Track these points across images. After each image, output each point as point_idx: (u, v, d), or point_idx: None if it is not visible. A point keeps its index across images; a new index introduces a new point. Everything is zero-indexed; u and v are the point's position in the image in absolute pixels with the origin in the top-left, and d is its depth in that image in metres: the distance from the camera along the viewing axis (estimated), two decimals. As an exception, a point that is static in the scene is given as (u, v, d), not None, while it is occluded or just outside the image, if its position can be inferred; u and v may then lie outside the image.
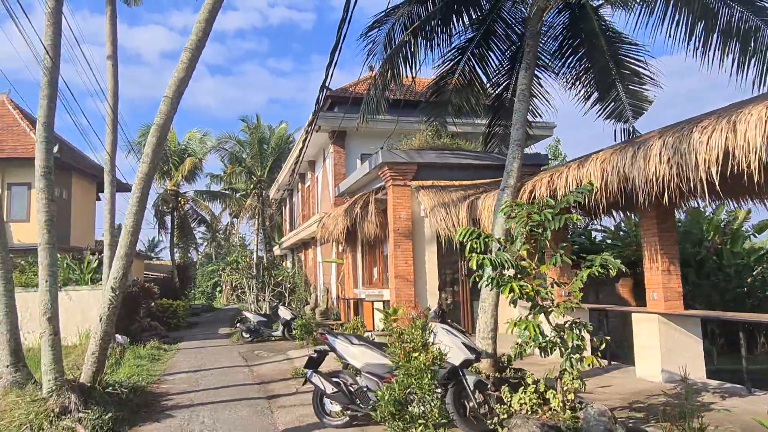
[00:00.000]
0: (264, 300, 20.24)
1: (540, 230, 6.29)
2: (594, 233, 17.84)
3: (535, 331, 5.97)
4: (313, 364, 6.77)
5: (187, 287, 32.91)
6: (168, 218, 29.99)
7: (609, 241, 16.65)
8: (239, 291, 49.93)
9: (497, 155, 13.96)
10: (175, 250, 32.34)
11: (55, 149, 20.91)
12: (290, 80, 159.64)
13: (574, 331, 6.08)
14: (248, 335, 16.54)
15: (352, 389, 6.47)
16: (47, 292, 7.92)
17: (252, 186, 38.73)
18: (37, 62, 9.12)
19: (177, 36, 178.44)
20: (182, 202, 29.52)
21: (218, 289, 55.06)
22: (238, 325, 16.73)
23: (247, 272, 20.29)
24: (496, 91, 12.34)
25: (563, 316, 6.15)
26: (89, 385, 7.60)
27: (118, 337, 15.59)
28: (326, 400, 6.68)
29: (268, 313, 20.19)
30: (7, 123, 22.00)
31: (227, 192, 34.08)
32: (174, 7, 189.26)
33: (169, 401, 8.75)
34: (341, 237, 14.44)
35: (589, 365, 6.14)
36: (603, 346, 6.31)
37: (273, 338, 16.71)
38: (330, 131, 20.46)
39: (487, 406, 6.10)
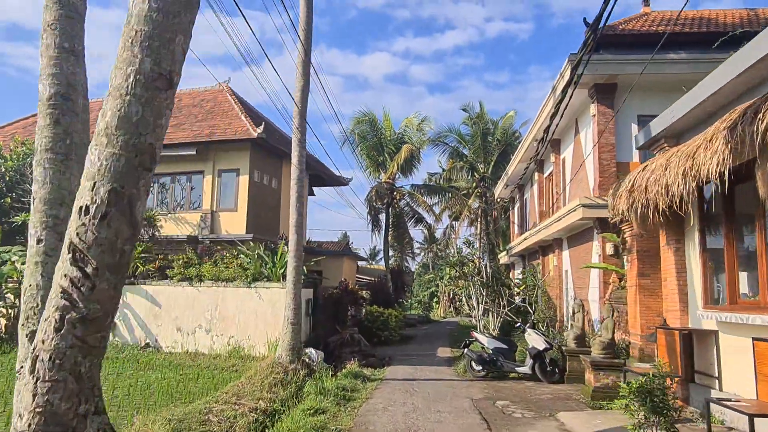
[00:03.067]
0: (497, 317, 15.02)
1: None
2: None
3: None
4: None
5: (403, 294, 29.37)
6: (382, 216, 26.72)
7: None
8: (458, 302, 45.50)
9: None
10: (390, 252, 29.07)
11: (260, 129, 18.86)
12: (507, 92, 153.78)
13: None
14: (480, 367, 11.52)
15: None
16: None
17: (474, 184, 34.12)
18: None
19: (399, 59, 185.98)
20: (398, 197, 26.02)
21: (435, 299, 51.53)
22: (466, 351, 11.84)
23: (476, 278, 15.32)
24: None
25: None
26: None
27: (311, 351, 11.82)
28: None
29: (499, 335, 14.98)
30: (224, 109, 20.61)
31: (447, 187, 29.80)
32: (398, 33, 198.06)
33: None
34: (658, 211, 7.97)
35: None
36: None
37: (517, 374, 11.40)
38: (591, 86, 14.54)
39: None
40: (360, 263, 47.66)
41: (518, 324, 11.88)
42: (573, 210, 14.24)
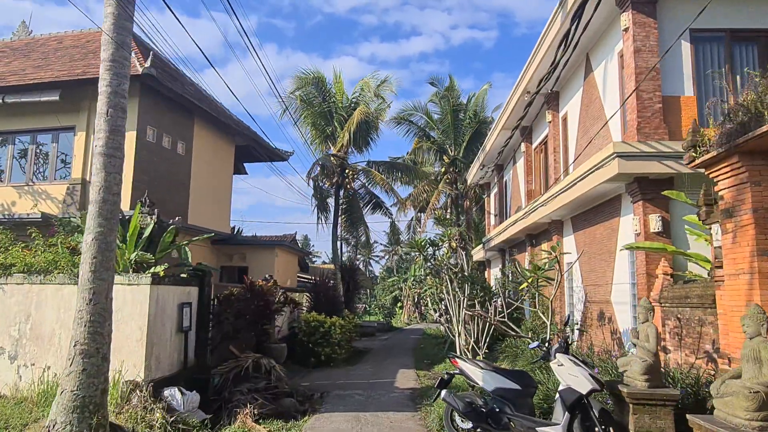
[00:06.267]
0: (485, 328, 10.13)
1: None
2: None
3: None
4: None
5: (355, 298, 24.23)
6: (331, 201, 21.56)
7: None
8: (423, 306, 40.72)
9: None
10: (341, 244, 23.96)
11: (148, 63, 13.58)
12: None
13: None
14: (469, 425, 6.39)
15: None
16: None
17: (443, 169, 29.37)
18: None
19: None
20: (350, 175, 20.91)
21: (399, 304, 46.63)
22: (444, 396, 6.46)
23: (453, 271, 10.30)
24: None
25: None
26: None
27: (173, 394, 6.71)
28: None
29: (485, 358, 10.08)
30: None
31: (411, 164, 24.87)
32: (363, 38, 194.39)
33: None
34: None
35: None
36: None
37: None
38: (621, -12, 9.94)
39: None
40: (319, 263, 42.43)
41: (535, 345, 6.71)
42: (598, 167, 9.52)
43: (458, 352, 10.27)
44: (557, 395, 6.09)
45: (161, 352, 7.49)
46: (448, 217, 24.52)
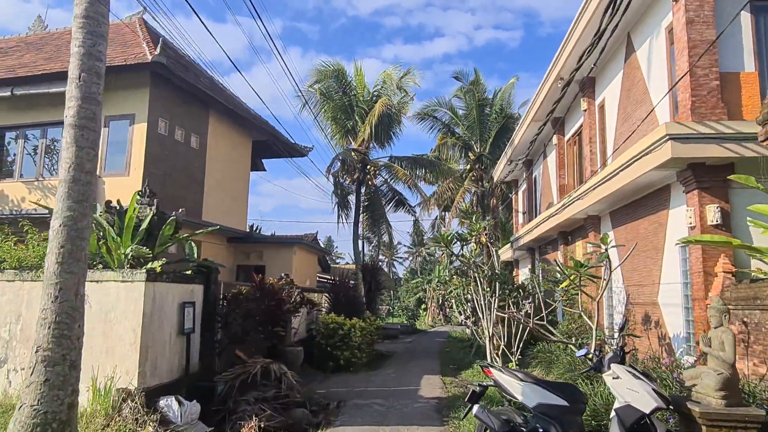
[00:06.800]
0: (517, 332, 9.20)
1: None
2: None
3: None
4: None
5: (377, 299, 23.28)
6: (352, 198, 20.68)
7: None
8: (448, 308, 39.65)
9: None
10: (363, 243, 23.10)
11: (157, 51, 12.93)
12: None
13: None
14: None
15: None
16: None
17: (468, 166, 28.32)
18: None
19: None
20: (372, 171, 20.03)
21: (422, 306, 45.62)
22: (477, 412, 5.51)
23: (482, 272, 9.28)
24: None
25: None
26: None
27: (170, 404, 5.97)
28: None
29: (518, 364, 9.14)
30: (125, 40, 14.70)
31: (435, 160, 23.87)
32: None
33: None
34: None
35: None
36: None
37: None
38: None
39: None
40: (343, 264, 41.58)
41: (584, 352, 5.77)
42: (645, 153, 8.52)
43: (488, 359, 9.33)
44: (612, 413, 5.11)
45: (158, 357, 6.75)
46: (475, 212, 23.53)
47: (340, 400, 8.69)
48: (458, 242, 10.21)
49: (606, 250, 6.82)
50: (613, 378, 5.08)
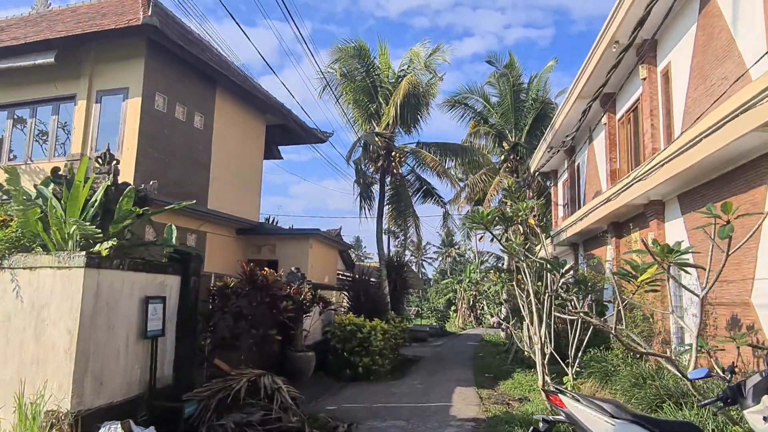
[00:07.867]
0: (575, 337, 7.39)
1: None
2: None
3: None
4: None
5: (403, 298, 21.39)
6: (376, 188, 18.86)
7: None
8: (479, 310, 37.54)
9: None
10: (388, 238, 21.29)
11: (150, 12, 11.35)
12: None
13: None
14: None
15: None
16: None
17: (503, 157, 26.33)
18: None
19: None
20: (397, 159, 18.21)
21: (453, 307, 43.67)
22: None
23: (532, 264, 7.41)
24: None
25: None
26: None
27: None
28: None
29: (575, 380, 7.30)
30: (124, 9, 13.31)
31: (468, 146, 21.98)
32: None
33: None
34: None
35: None
36: None
37: None
38: None
39: None
40: (369, 263, 39.93)
41: (703, 373, 3.88)
42: (735, 114, 6.57)
43: (540, 377, 7.47)
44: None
45: (105, 368, 5.17)
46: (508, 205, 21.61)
47: (351, 423, 6.98)
48: (501, 224, 8.37)
49: (728, 221, 4.93)
50: (765, 418, 3.23)
